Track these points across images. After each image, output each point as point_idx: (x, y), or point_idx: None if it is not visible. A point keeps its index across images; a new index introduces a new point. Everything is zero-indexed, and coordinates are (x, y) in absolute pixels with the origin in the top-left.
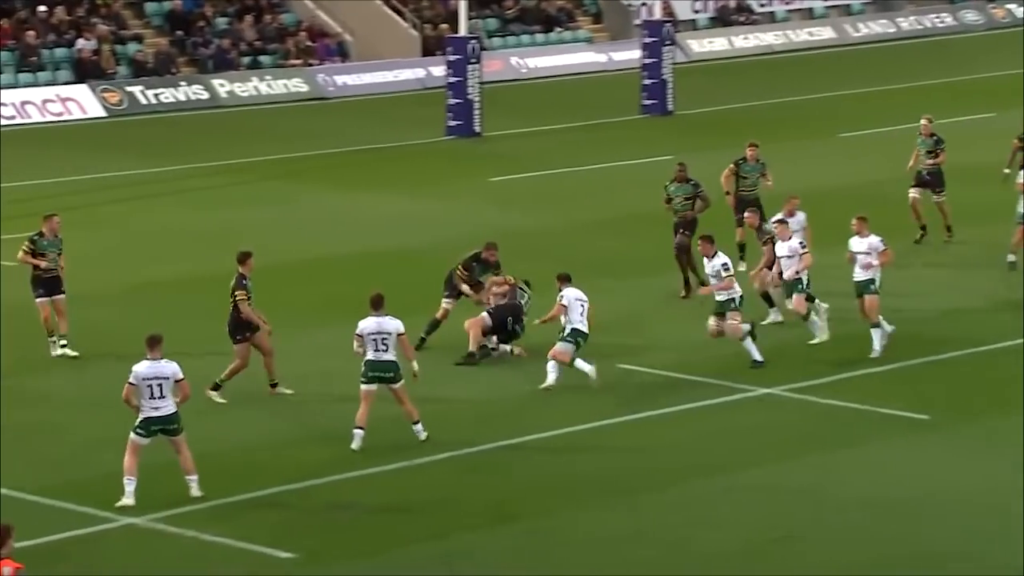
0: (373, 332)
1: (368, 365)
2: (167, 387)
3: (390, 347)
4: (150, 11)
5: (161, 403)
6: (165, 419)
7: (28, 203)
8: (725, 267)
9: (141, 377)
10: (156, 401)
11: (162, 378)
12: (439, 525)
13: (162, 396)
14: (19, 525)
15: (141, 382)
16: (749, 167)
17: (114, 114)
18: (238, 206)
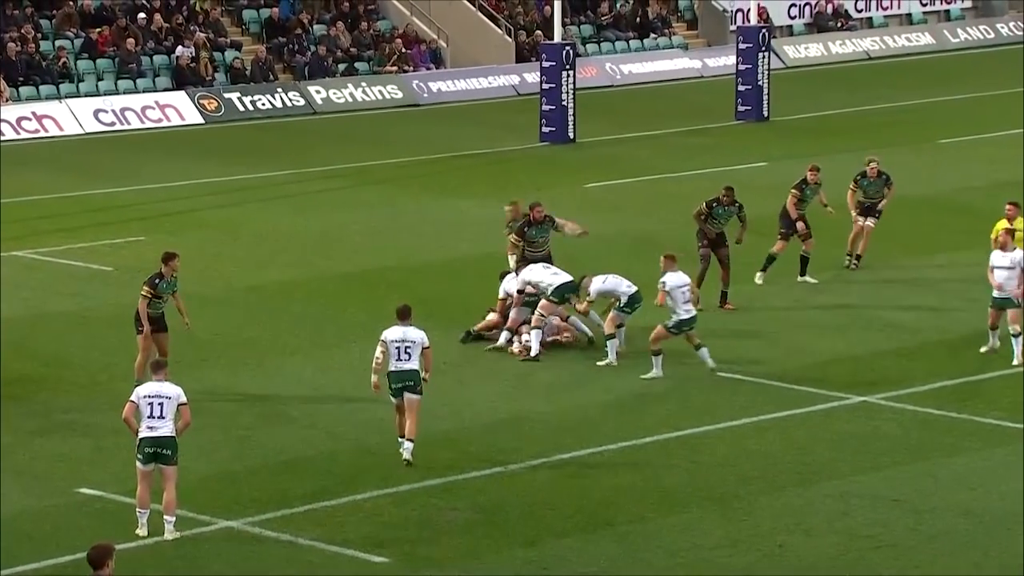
0: (397, 341)
1: (392, 376)
2: (168, 407)
3: (413, 356)
4: (248, 18)
5: (159, 423)
6: (160, 441)
7: (128, 209)
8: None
9: (142, 395)
10: (155, 421)
11: (164, 398)
12: (533, 531)
13: (161, 416)
14: (117, 528)
15: (142, 400)
16: (811, 190)
17: (211, 121)
18: (333, 211)
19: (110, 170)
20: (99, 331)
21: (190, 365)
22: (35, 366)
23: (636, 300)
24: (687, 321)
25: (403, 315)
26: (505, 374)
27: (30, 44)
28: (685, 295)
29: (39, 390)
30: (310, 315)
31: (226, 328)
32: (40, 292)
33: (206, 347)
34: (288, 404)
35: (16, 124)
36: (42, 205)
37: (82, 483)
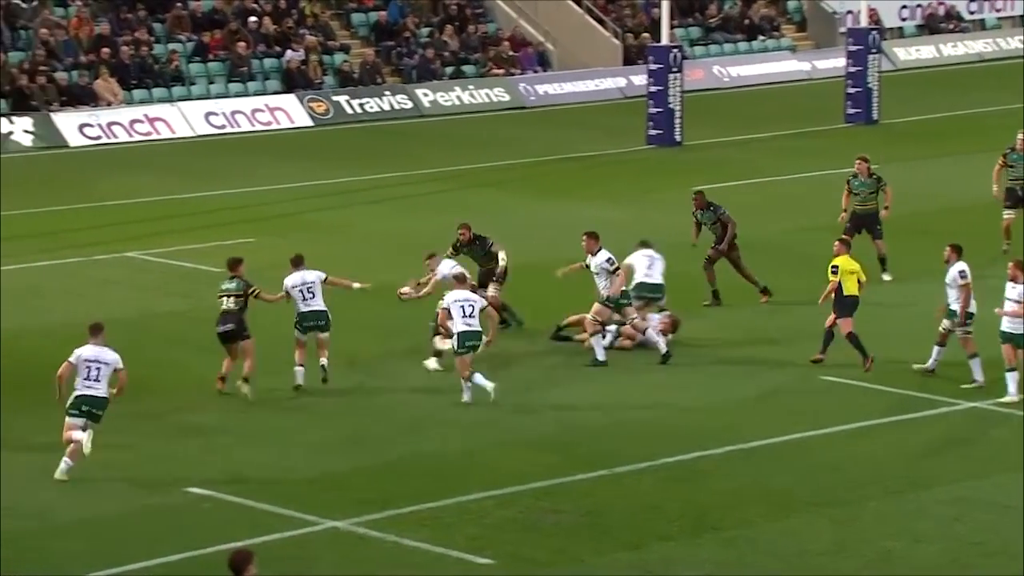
0: (298, 284)
1: (300, 316)
2: (104, 372)
3: (316, 295)
4: (356, 22)
5: (96, 385)
6: (94, 400)
7: (237, 211)
8: (610, 261)
9: (83, 359)
10: (91, 383)
11: (102, 363)
12: (638, 534)
13: (98, 380)
14: (223, 527)
15: (80, 362)
16: (859, 182)
17: (320, 123)
18: (439, 214)
19: (220, 172)
20: (208, 332)
21: (285, 362)
22: (145, 366)
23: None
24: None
25: (296, 263)
26: (609, 377)
27: (143, 47)
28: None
29: (149, 390)
30: (416, 317)
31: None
32: (151, 293)
33: (313, 348)
34: (395, 406)
35: (129, 126)
36: (153, 207)
37: (191, 483)
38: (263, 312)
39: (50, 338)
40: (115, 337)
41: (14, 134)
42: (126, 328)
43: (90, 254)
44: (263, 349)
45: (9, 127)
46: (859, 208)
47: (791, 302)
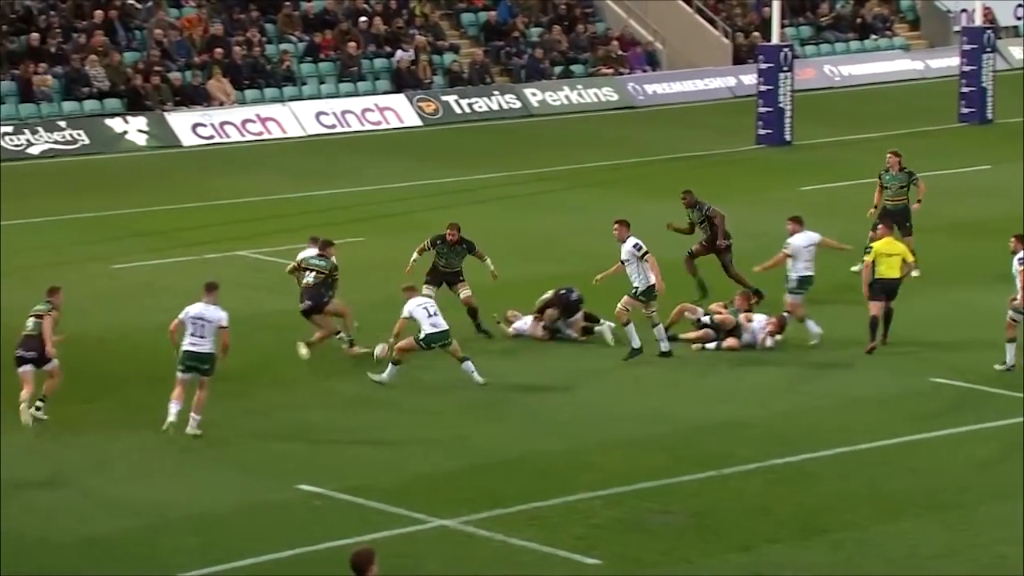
0: (196, 317)
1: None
2: (209, 329)
3: (207, 335)
4: (466, 22)
5: (201, 341)
6: (199, 356)
7: (347, 210)
8: (637, 247)
9: (190, 316)
10: (196, 339)
11: (207, 320)
12: (746, 536)
13: (203, 336)
14: (336, 525)
15: (188, 319)
16: (890, 177)
17: (429, 123)
18: (548, 213)
19: (330, 172)
20: (315, 329)
21: (411, 363)
22: (256, 365)
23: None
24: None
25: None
26: (717, 377)
27: (255, 47)
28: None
29: (260, 387)
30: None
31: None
32: (262, 291)
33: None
34: (504, 404)
35: (241, 126)
36: (264, 206)
37: (301, 479)
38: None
39: (161, 335)
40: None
41: (129, 134)
42: (237, 326)
43: (201, 253)
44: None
45: (124, 127)
46: (889, 203)
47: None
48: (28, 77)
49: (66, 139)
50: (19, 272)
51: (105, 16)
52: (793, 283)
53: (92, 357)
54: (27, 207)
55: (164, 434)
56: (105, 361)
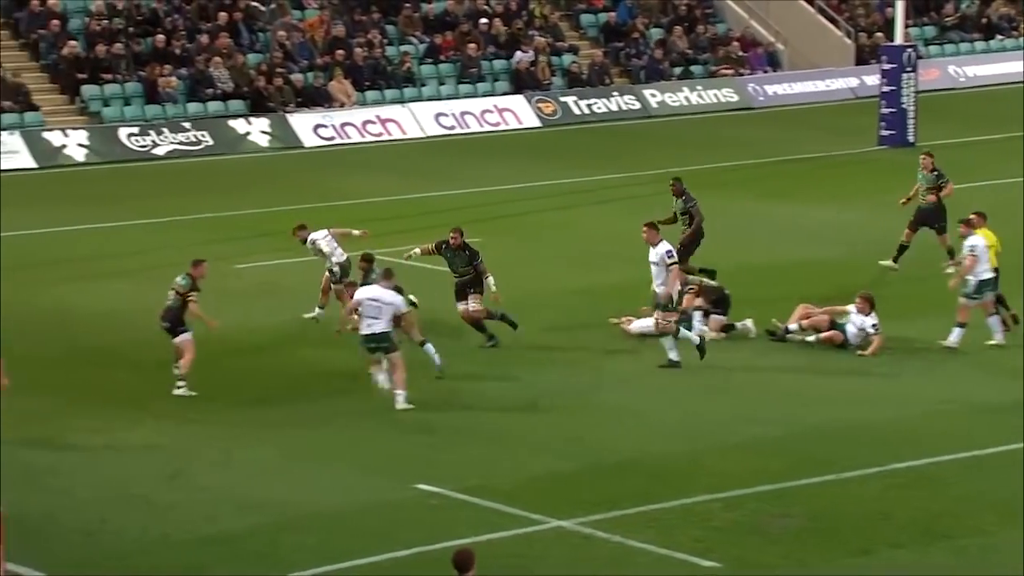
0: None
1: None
2: (384, 311)
3: (382, 316)
4: (585, 23)
5: (375, 321)
6: (376, 336)
7: (466, 211)
8: (669, 254)
9: (366, 298)
10: (371, 320)
11: (382, 303)
12: (865, 540)
13: (377, 317)
14: (450, 524)
15: (364, 302)
16: (921, 176)
17: (548, 124)
18: (665, 215)
19: (449, 173)
20: (437, 330)
21: (528, 363)
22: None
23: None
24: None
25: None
26: (837, 380)
27: (376, 49)
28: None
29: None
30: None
31: (559, 329)
32: None
33: (540, 348)
34: (619, 406)
35: (361, 127)
36: (384, 207)
37: (420, 479)
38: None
39: (281, 334)
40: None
41: (251, 135)
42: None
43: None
44: (494, 354)
45: (247, 128)
46: (922, 202)
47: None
48: (154, 79)
49: (190, 140)
50: (145, 271)
51: (229, 18)
52: (972, 287)
53: (215, 355)
54: (153, 207)
55: (284, 432)
56: (227, 359)
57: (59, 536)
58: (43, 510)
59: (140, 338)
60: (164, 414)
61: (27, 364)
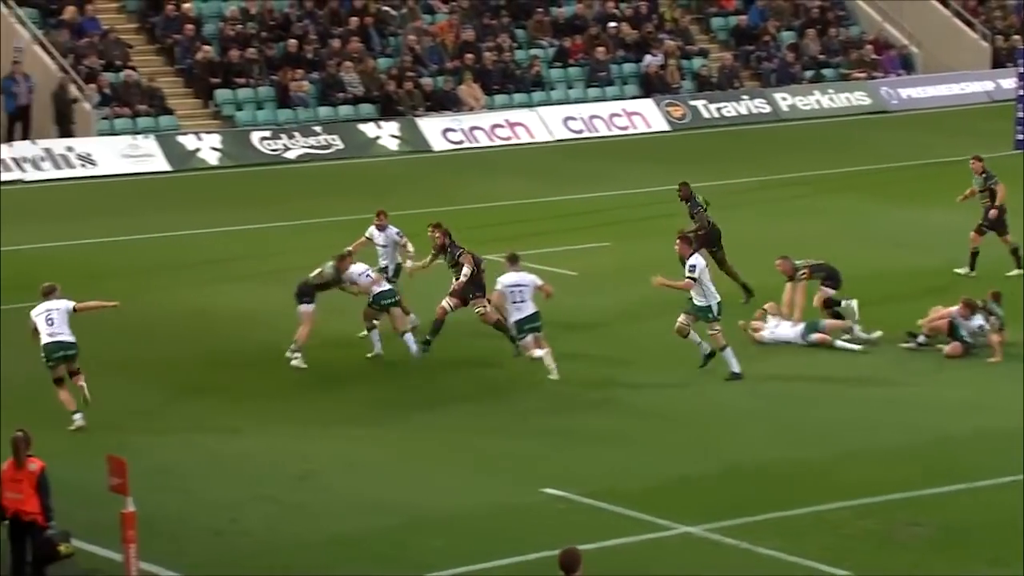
0: (512, 285)
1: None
2: (527, 292)
3: (527, 298)
4: (716, 26)
5: (524, 305)
6: (526, 319)
7: (594, 215)
8: (691, 268)
9: (506, 284)
10: (519, 304)
11: (523, 285)
12: (998, 550)
13: (523, 300)
14: (576, 528)
15: (506, 289)
16: (974, 180)
17: (677, 128)
18: (794, 219)
19: (577, 177)
20: (559, 334)
21: (656, 366)
22: (504, 368)
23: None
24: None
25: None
26: (970, 385)
27: (506, 53)
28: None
29: (507, 391)
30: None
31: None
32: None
33: (668, 351)
34: (748, 411)
35: (490, 131)
36: (512, 211)
37: (547, 483)
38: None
39: (419, 334)
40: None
41: (381, 139)
42: (484, 327)
43: None
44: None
45: (377, 132)
46: (985, 204)
47: None
48: (286, 83)
49: (321, 144)
50: (277, 274)
51: (361, 23)
52: None
53: (344, 356)
54: (284, 210)
55: (411, 434)
56: (357, 360)
57: (190, 536)
58: (174, 510)
59: (272, 340)
60: (294, 415)
61: (161, 365)
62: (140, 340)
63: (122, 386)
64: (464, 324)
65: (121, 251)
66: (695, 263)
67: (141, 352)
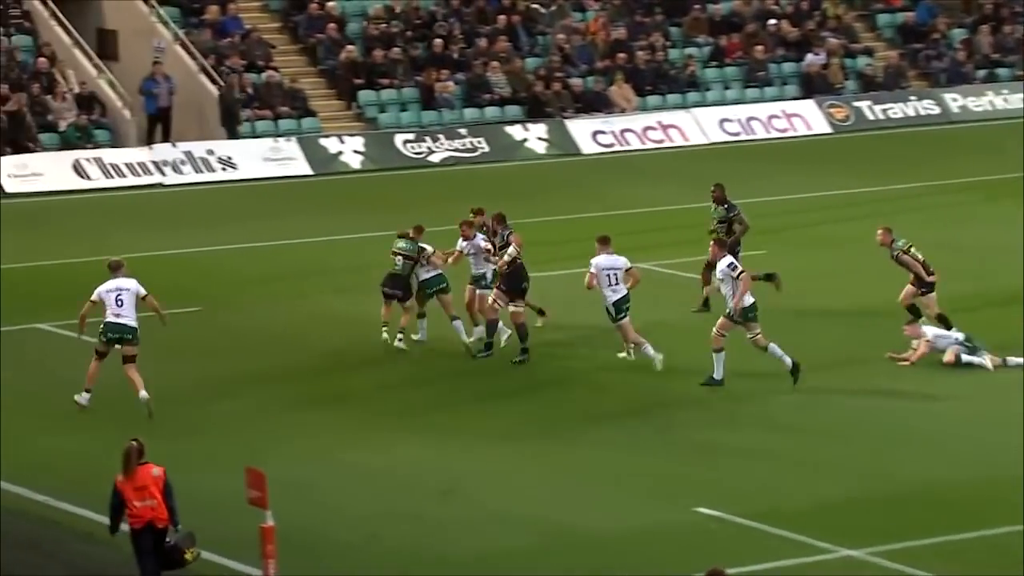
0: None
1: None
2: (619, 275)
3: (620, 281)
4: (882, 23)
5: (618, 287)
6: (618, 303)
7: (752, 221)
8: (731, 267)
9: (601, 267)
10: (614, 286)
11: (616, 268)
12: None
13: (617, 283)
14: (731, 550)
15: (600, 272)
16: None
17: (840, 130)
18: (965, 226)
19: (733, 181)
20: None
21: (812, 382)
22: (652, 380)
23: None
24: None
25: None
26: None
27: (658, 52)
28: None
29: (663, 405)
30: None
31: (851, 343)
32: (658, 305)
33: (824, 367)
34: (913, 431)
35: (642, 134)
36: (663, 216)
37: (700, 502)
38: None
39: (558, 348)
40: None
41: (528, 141)
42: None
43: None
44: (774, 371)
45: (524, 134)
46: None
47: None
48: (430, 84)
49: (466, 147)
50: None
51: (508, 21)
52: None
53: (491, 368)
54: (428, 215)
55: (558, 450)
56: (504, 374)
57: (330, 551)
58: (314, 525)
59: (418, 351)
60: (436, 428)
61: (298, 376)
62: (279, 347)
63: (260, 395)
64: (611, 336)
65: (261, 257)
66: (733, 261)
67: (280, 360)
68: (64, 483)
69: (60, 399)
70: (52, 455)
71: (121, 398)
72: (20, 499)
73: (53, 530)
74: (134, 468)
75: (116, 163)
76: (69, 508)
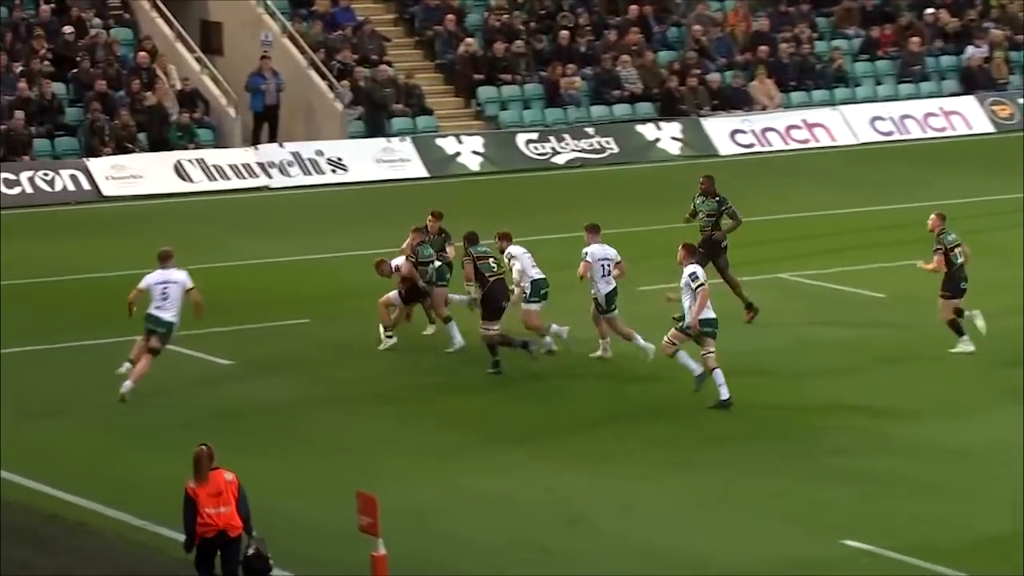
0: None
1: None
2: (611, 266)
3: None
4: None
5: (610, 279)
6: (615, 291)
7: (904, 228)
8: (693, 277)
9: (596, 258)
10: (607, 277)
11: (608, 259)
12: None
13: (608, 274)
14: None
15: (596, 262)
16: None
17: (1004, 129)
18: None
19: (886, 184)
20: (866, 364)
21: (975, 403)
22: (800, 397)
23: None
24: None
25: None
26: None
27: (804, 45)
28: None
29: (802, 430)
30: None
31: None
32: (804, 319)
33: (991, 384)
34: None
35: (785, 133)
36: (809, 222)
37: (848, 534)
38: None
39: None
40: (766, 362)
41: (661, 141)
42: (775, 357)
43: (737, 274)
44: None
45: (656, 133)
46: None
47: None
48: (556, 80)
49: (594, 147)
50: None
51: (640, 12)
52: None
53: (617, 389)
54: (551, 221)
55: (693, 476)
56: (631, 395)
57: None
58: (431, 555)
59: (540, 368)
60: (564, 453)
61: (411, 393)
62: (388, 362)
63: (370, 413)
64: (740, 359)
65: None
66: (696, 272)
67: (393, 376)
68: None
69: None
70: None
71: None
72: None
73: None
74: (207, 473)
75: (219, 164)
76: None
